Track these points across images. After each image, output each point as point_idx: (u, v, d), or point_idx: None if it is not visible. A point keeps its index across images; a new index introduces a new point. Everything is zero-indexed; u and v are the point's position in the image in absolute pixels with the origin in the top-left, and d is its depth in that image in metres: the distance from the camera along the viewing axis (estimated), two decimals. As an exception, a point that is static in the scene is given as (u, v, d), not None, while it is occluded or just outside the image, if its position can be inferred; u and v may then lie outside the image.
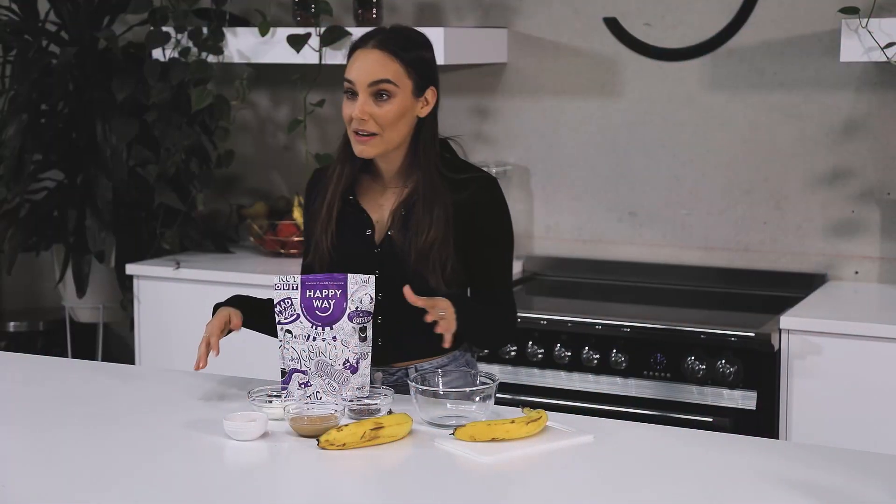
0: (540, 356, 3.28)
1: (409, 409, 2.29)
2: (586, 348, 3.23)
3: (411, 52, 2.40)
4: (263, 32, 3.68)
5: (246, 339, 2.56)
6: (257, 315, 2.49)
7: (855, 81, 3.44)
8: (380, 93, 2.36)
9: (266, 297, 2.51)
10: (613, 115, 3.72)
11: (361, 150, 2.40)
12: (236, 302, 2.50)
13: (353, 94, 2.38)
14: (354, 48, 2.41)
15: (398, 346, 2.47)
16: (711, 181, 3.63)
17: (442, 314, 2.30)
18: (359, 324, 2.38)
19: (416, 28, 2.52)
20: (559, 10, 3.74)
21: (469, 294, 2.50)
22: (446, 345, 2.32)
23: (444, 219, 2.40)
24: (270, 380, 2.51)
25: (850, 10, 3.13)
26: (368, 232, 2.46)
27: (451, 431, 2.21)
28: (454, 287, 2.43)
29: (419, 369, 2.44)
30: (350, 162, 2.46)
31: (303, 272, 2.52)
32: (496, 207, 2.47)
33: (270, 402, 2.35)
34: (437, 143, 2.46)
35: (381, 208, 2.47)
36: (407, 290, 2.30)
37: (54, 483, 2.03)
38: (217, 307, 2.49)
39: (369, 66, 2.37)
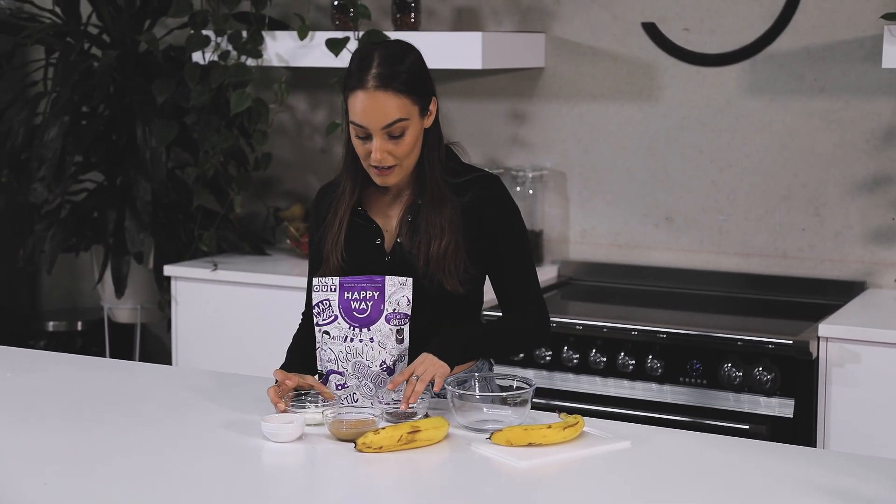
0: (575, 361, 3.28)
1: (444, 414, 2.29)
2: (622, 354, 3.23)
3: (405, 74, 2.34)
4: (302, 36, 3.70)
5: (285, 342, 2.57)
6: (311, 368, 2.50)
7: (896, 88, 3.42)
8: (394, 131, 2.35)
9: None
10: (651, 120, 3.71)
11: (384, 181, 2.40)
12: (293, 362, 2.50)
13: (366, 135, 2.36)
14: (352, 88, 2.35)
15: (415, 353, 2.42)
16: (749, 187, 3.61)
17: (416, 382, 2.26)
18: (396, 326, 2.39)
19: (396, 39, 2.48)
20: (597, 15, 3.74)
21: (498, 297, 2.48)
22: (436, 388, 2.28)
23: (454, 223, 2.40)
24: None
25: (893, 16, 3.11)
26: (378, 241, 2.46)
27: (488, 436, 2.21)
28: (469, 286, 2.42)
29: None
30: (360, 179, 2.46)
31: (307, 291, 2.49)
32: (501, 203, 2.44)
33: (304, 405, 2.36)
34: (443, 147, 2.45)
35: (389, 218, 2.47)
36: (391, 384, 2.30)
37: (93, 482, 2.05)
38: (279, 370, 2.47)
39: (379, 111, 2.33)
